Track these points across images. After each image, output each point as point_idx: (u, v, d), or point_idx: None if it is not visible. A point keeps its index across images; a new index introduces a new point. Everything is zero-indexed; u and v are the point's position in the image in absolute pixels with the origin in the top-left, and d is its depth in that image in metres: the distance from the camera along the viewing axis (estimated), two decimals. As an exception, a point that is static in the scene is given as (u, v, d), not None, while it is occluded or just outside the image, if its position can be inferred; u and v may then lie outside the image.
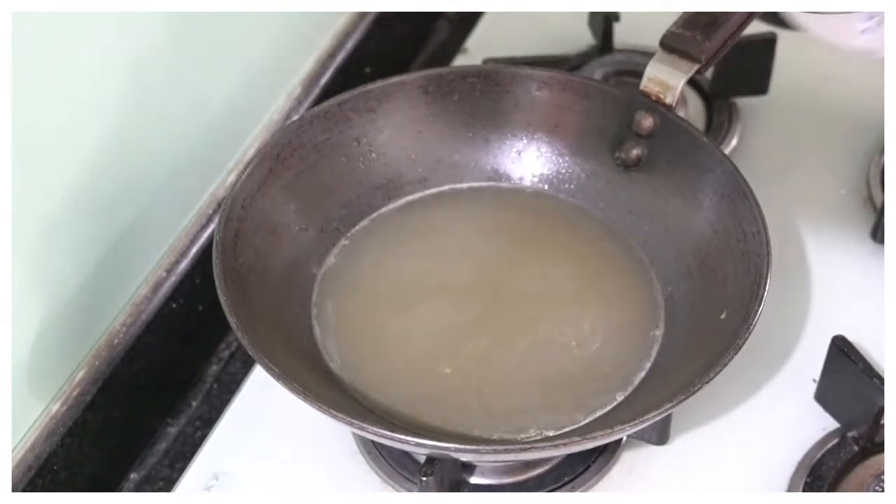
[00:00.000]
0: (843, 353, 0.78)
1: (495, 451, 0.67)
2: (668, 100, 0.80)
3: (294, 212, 0.82)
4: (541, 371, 0.77)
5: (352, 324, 0.79)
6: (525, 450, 0.68)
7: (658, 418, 0.69)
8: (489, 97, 0.87)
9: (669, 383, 0.73)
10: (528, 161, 0.88)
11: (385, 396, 0.75)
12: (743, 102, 0.98)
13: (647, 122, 0.82)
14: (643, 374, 0.77)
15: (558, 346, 0.78)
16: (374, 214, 0.85)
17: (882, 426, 0.76)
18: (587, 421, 0.74)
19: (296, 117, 0.89)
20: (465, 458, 0.72)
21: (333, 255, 0.83)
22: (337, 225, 0.84)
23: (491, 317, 0.80)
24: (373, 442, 0.79)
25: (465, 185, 0.87)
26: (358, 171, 0.86)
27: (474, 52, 1.05)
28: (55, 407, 0.78)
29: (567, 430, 0.74)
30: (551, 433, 0.73)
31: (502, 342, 0.78)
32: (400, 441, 0.68)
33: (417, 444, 0.68)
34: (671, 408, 0.68)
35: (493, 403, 0.76)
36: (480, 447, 0.68)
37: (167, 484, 0.82)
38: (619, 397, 0.76)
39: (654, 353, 0.78)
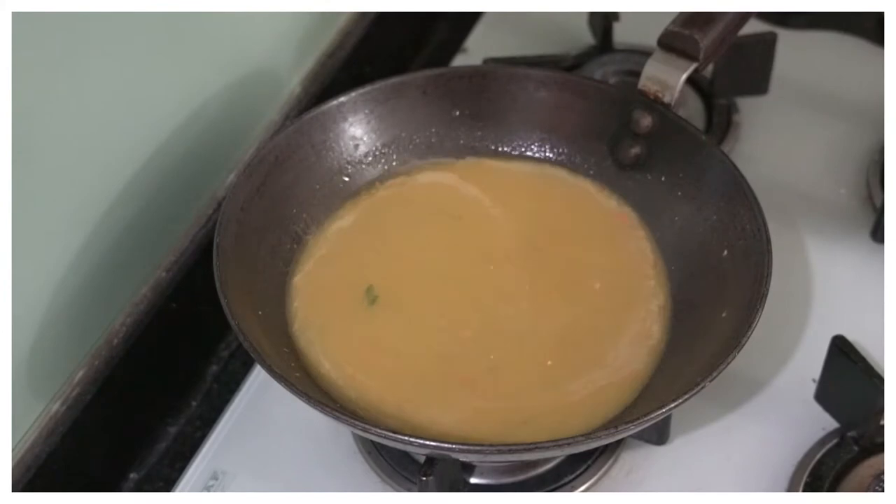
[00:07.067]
0: (843, 353, 0.78)
1: (498, 452, 0.67)
2: (667, 98, 0.80)
3: (293, 213, 0.82)
4: (540, 372, 0.77)
5: (352, 323, 0.79)
6: (527, 450, 0.68)
7: (659, 418, 0.69)
8: (488, 97, 0.87)
9: (670, 383, 0.73)
10: (527, 160, 0.87)
11: (385, 395, 0.75)
12: (743, 102, 0.98)
13: (646, 120, 0.82)
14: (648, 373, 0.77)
15: (559, 345, 0.78)
16: (375, 214, 0.85)
17: (882, 426, 0.76)
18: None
19: (295, 118, 0.89)
20: (466, 458, 0.72)
21: (334, 256, 0.83)
22: (337, 225, 0.84)
23: (490, 314, 0.79)
24: (373, 442, 0.79)
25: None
26: (357, 172, 0.86)
27: (474, 51, 1.05)
28: (55, 407, 0.78)
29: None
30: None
31: (503, 340, 0.78)
32: (401, 441, 0.68)
33: (419, 445, 0.68)
34: (673, 408, 0.68)
35: (493, 403, 0.76)
36: (482, 447, 0.68)
37: (167, 484, 0.82)
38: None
39: (657, 353, 0.78)
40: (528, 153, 0.87)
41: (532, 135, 0.87)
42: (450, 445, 0.68)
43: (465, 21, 1.08)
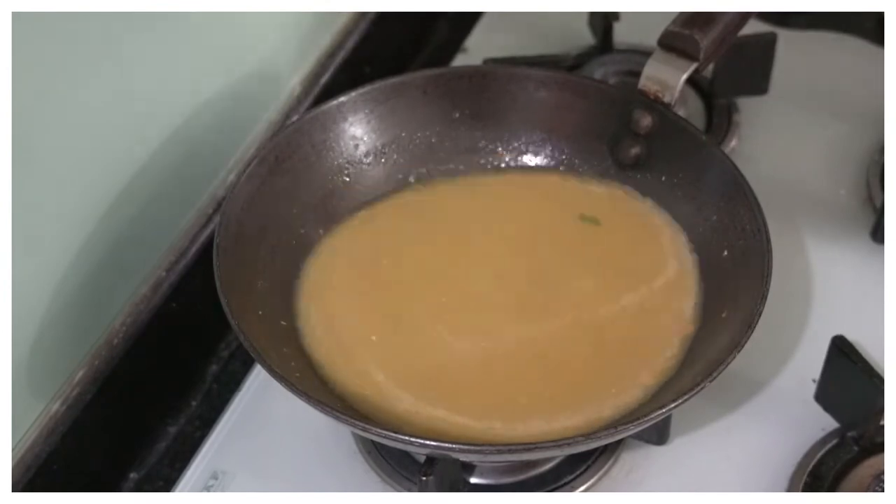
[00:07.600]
0: (843, 353, 0.78)
1: (498, 452, 0.67)
2: (667, 98, 0.80)
3: (294, 212, 0.82)
4: (544, 376, 0.77)
5: (352, 323, 0.79)
6: (527, 450, 0.68)
7: (659, 418, 0.69)
8: (488, 97, 0.87)
9: (670, 383, 0.73)
10: (527, 161, 0.88)
11: (385, 395, 0.75)
12: (743, 102, 0.98)
13: (646, 120, 0.82)
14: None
15: (564, 343, 0.78)
16: (376, 213, 0.85)
17: (882, 426, 0.76)
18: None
19: (295, 118, 0.89)
20: (466, 458, 0.72)
21: (334, 256, 0.83)
22: (338, 225, 0.84)
23: (493, 314, 0.80)
24: (373, 442, 0.79)
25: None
26: (357, 172, 0.86)
27: (474, 51, 1.05)
28: (55, 406, 0.78)
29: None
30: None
31: (504, 340, 0.78)
32: (401, 441, 0.68)
33: (419, 445, 0.67)
34: (673, 408, 0.68)
35: (492, 403, 0.76)
36: (483, 447, 0.68)
37: (167, 484, 0.82)
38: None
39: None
40: (529, 153, 0.87)
41: (532, 135, 0.87)
42: (450, 445, 0.68)
43: (465, 21, 1.08)
